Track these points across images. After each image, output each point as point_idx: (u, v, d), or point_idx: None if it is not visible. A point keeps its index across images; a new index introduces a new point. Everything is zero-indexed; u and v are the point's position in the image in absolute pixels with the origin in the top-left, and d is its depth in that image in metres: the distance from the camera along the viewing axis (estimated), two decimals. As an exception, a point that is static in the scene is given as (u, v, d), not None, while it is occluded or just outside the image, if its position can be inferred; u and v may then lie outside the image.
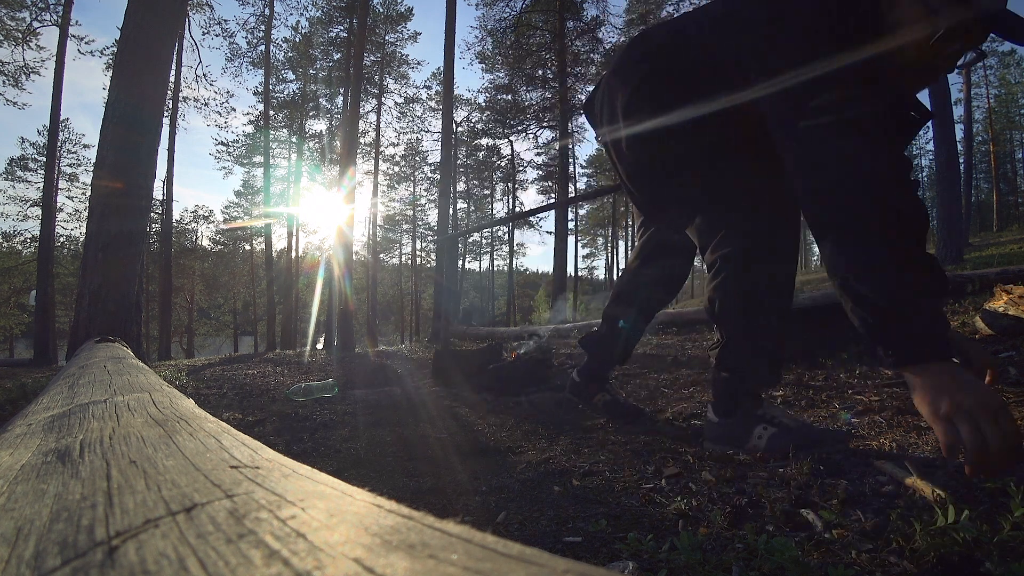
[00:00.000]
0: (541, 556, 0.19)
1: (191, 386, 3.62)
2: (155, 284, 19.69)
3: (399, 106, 24.07)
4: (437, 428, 2.07)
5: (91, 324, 4.33)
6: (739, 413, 1.41)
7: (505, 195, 30.23)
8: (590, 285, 41.70)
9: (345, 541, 0.21)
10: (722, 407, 1.45)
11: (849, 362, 2.28)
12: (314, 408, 2.62)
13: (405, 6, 21.61)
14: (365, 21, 11.28)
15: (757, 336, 1.39)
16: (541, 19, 18.04)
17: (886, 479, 1.07)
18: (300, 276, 23.21)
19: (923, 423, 1.41)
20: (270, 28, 18.48)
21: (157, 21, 4.88)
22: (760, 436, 1.36)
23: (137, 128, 4.78)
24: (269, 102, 19.14)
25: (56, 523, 0.28)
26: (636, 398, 2.36)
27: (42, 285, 11.33)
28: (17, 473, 0.41)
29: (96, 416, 0.63)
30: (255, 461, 0.37)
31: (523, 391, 2.73)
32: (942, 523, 0.81)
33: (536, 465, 1.46)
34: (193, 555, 0.21)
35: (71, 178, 21.79)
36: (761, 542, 0.81)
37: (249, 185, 26.65)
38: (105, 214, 4.61)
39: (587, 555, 0.90)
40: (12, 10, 13.61)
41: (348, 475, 1.52)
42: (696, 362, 3.03)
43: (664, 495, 1.13)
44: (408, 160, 26.78)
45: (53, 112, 11.92)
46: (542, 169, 25.89)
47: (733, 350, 1.43)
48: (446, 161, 10.39)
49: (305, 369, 4.66)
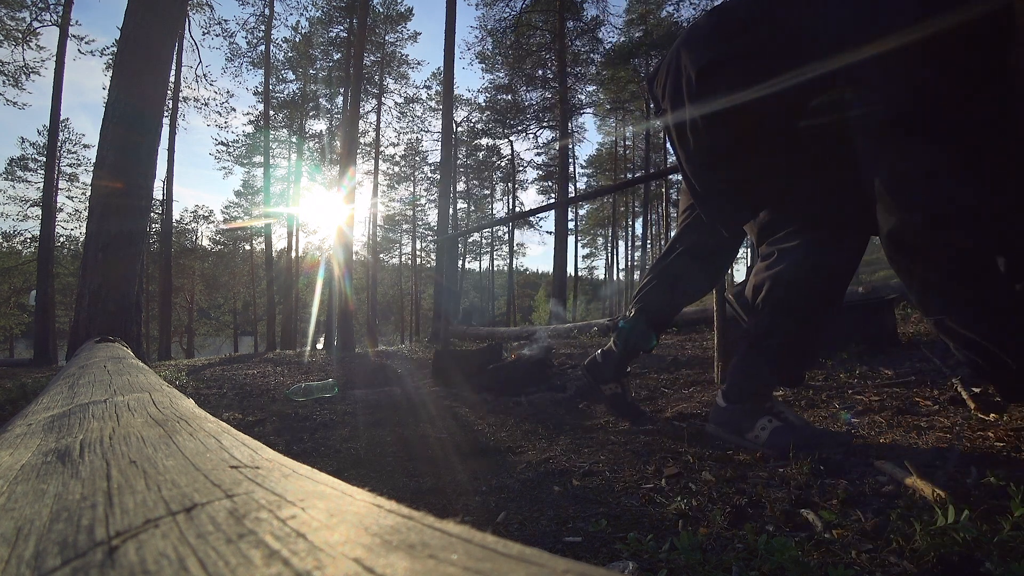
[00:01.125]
0: (541, 556, 0.19)
1: (191, 386, 3.62)
2: (155, 284, 19.68)
3: (399, 106, 24.07)
4: (437, 428, 2.07)
5: (91, 324, 4.33)
6: (748, 402, 1.41)
7: (505, 195, 30.24)
8: (590, 285, 41.70)
9: (345, 541, 0.21)
10: (733, 393, 1.44)
11: (849, 362, 2.28)
12: (314, 408, 2.62)
13: (405, 6, 21.61)
14: (365, 21, 11.28)
15: (792, 333, 1.36)
16: (541, 19, 18.04)
17: (886, 479, 1.07)
18: (300, 276, 23.20)
19: (923, 423, 1.41)
20: (270, 28, 18.48)
21: (157, 21, 4.88)
22: (764, 428, 1.36)
23: (137, 128, 4.77)
24: (269, 102, 19.13)
25: (56, 523, 0.28)
26: (636, 398, 2.36)
27: (42, 285, 11.33)
28: (17, 473, 0.41)
29: (96, 416, 0.63)
30: (255, 461, 0.37)
31: (523, 391, 2.73)
32: (942, 523, 0.81)
33: (536, 465, 1.46)
34: (193, 555, 0.21)
35: (71, 178, 21.78)
36: (761, 542, 0.81)
37: (249, 185, 26.65)
38: (105, 214, 4.61)
39: (587, 555, 0.90)
40: (12, 10, 13.61)
41: (348, 475, 1.52)
42: (696, 362, 3.03)
43: (664, 495, 1.13)
44: (408, 160, 26.77)
45: (53, 112, 11.91)
46: (542, 169, 25.90)
47: (762, 340, 1.39)
48: (446, 161, 10.39)
49: (305, 369, 4.66)
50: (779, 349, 1.38)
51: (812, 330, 1.37)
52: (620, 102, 21.90)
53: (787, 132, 1.21)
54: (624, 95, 21.09)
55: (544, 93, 20.15)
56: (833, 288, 1.34)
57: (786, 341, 1.37)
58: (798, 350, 1.40)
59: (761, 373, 1.41)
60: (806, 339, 1.38)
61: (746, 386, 1.43)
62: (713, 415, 1.49)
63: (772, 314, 1.37)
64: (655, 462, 1.36)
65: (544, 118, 20.50)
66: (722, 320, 2.35)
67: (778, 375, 1.42)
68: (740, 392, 1.43)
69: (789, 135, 1.21)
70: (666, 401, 2.17)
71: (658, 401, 2.20)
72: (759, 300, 1.39)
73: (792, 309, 1.34)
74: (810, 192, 1.31)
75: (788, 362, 1.40)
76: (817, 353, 1.52)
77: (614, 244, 32.32)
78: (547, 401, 2.45)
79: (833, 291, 1.35)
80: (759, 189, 1.37)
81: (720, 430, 1.45)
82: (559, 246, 15.67)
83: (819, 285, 1.32)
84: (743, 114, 1.20)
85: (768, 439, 1.33)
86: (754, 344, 1.41)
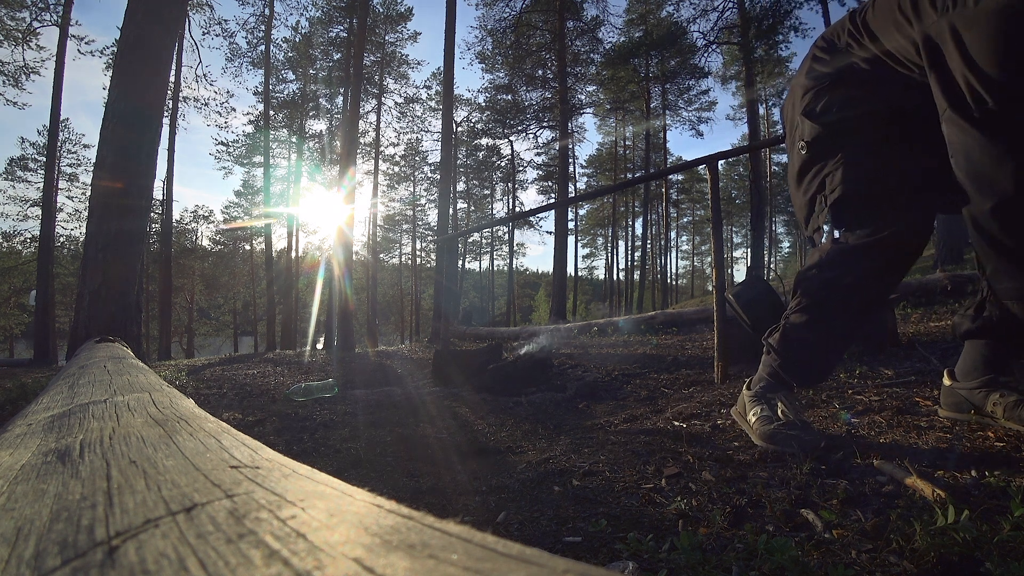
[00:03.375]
0: (541, 556, 0.19)
1: (191, 386, 3.62)
2: (155, 284, 19.65)
3: (399, 106, 24.05)
4: (437, 428, 2.07)
5: (91, 324, 4.33)
6: (759, 389, 1.46)
7: (505, 195, 30.24)
8: (590, 285, 41.71)
9: (345, 541, 0.21)
10: (754, 381, 1.51)
11: (849, 362, 2.28)
12: (314, 408, 2.62)
13: (405, 6, 21.59)
14: (365, 21, 11.28)
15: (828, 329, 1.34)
16: (541, 19, 18.03)
17: (886, 479, 1.07)
18: (300, 276, 23.20)
19: (923, 423, 1.41)
20: (270, 28, 18.47)
21: (157, 21, 4.88)
22: (755, 415, 1.41)
23: (137, 128, 4.77)
24: (269, 102, 19.12)
25: (56, 523, 0.28)
26: (636, 398, 2.36)
27: (42, 285, 11.33)
28: (17, 473, 0.41)
29: (96, 416, 0.63)
30: (255, 461, 0.37)
31: (523, 391, 2.73)
32: (942, 523, 0.81)
33: (536, 465, 1.46)
34: (193, 555, 0.21)
35: (71, 178, 21.78)
36: (761, 542, 0.81)
37: (249, 185, 26.65)
38: (105, 214, 4.61)
39: (587, 555, 0.90)
40: (12, 10, 13.60)
41: (348, 475, 1.52)
42: (696, 362, 3.03)
43: (664, 495, 1.13)
44: (408, 160, 26.76)
45: (53, 112, 11.91)
46: (542, 169, 25.91)
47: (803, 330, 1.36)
48: (446, 161, 10.39)
49: (305, 369, 4.66)
50: (811, 341, 1.38)
51: (845, 331, 1.35)
52: (620, 102, 21.89)
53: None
54: (624, 95, 21.07)
55: (544, 93, 20.16)
56: (875, 295, 1.31)
57: (813, 337, 1.36)
58: (821, 349, 1.39)
59: (776, 360, 1.44)
60: (838, 337, 1.37)
61: (760, 373, 1.49)
62: (738, 401, 1.59)
63: (811, 306, 1.35)
64: (655, 462, 1.36)
65: (544, 118, 20.49)
66: (722, 320, 2.35)
67: (793, 368, 1.42)
68: (755, 379, 1.51)
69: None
70: (666, 401, 2.17)
71: (658, 401, 2.20)
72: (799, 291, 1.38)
73: (830, 309, 1.32)
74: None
75: (805, 358, 1.41)
76: (839, 359, 1.51)
77: (614, 244, 32.35)
78: (547, 401, 2.45)
79: (875, 296, 1.31)
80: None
81: (735, 411, 1.57)
82: (559, 246, 15.67)
83: (867, 290, 1.28)
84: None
85: (758, 428, 1.38)
86: (787, 330, 1.41)
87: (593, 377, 2.96)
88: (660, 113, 22.83)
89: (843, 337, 1.38)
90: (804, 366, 1.42)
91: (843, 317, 1.31)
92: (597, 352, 4.07)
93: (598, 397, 2.48)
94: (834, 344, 1.39)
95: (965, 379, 1.35)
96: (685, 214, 36.54)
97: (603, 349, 4.28)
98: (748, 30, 14.27)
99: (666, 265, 34.07)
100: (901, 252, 1.21)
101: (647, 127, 22.59)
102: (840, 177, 1.21)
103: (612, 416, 2.03)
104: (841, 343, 1.40)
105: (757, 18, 14.01)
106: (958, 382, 1.37)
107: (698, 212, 34.99)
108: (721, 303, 2.35)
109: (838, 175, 1.21)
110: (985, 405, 1.28)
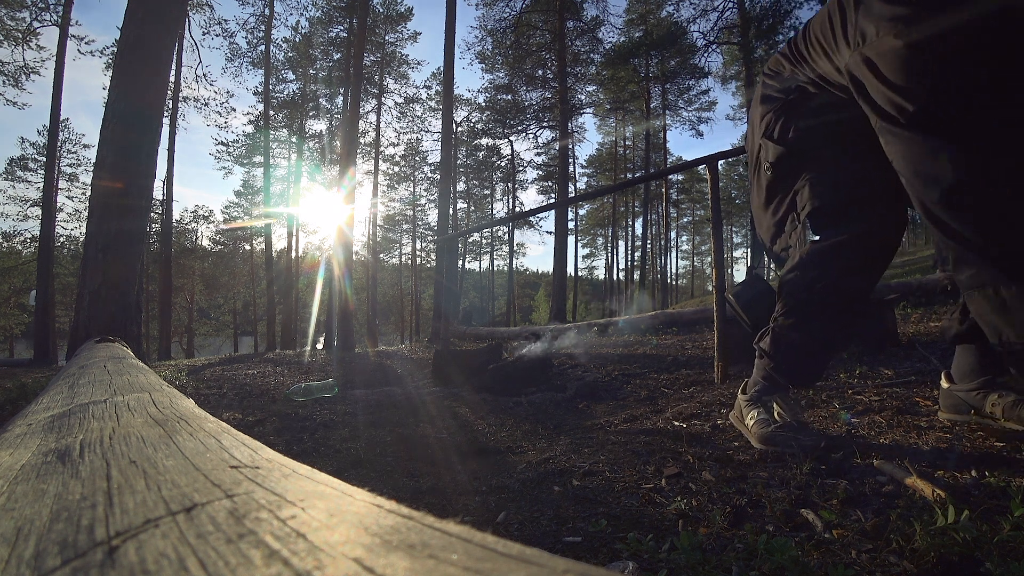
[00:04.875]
0: (541, 556, 0.19)
1: (191, 386, 3.62)
2: (155, 284, 19.65)
3: (399, 106, 24.05)
4: (437, 428, 2.07)
5: (91, 324, 4.33)
6: (754, 393, 1.48)
7: (505, 195, 30.24)
8: (590, 285, 41.70)
9: (345, 541, 0.21)
10: (749, 385, 1.53)
11: (849, 362, 2.28)
12: (314, 408, 2.62)
13: (405, 6, 21.58)
14: (365, 21, 11.28)
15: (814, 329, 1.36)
16: (541, 19, 18.04)
17: (886, 479, 1.07)
18: (300, 276, 23.20)
19: (923, 423, 1.41)
20: (270, 28, 18.47)
21: (157, 21, 4.88)
22: (752, 418, 1.42)
23: (137, 128, 4.77)
24: (269, 102, 19.12)
25: (56, 523, 0.28)
26: (636, 398, 2.36)
27: (42, 285, 11.33)
28: (17, 473, 0.41)
29: (96, 416, 0.63)
30: (255, 461, 0.37)
31: (523, 391, 2.73)
32: (942, 523, 0.81)
33: (536, 465, 1.46)
34: (193, 555, 0.21)
35: (71, 178, 21.77)
36: (761, 542, 0.81)
37: (249, 185, 26.64)
38: (105, 214, 4.61)
39: (587, 555, 0.90)
40: (12, 10, 13.60)
41: (348, 475, 1.52)
42: (696, 362, 3.03)
43: (664, 495, 1.13)
44: (408, 160, 26.75)
45: (53, 112, 11.91)
46: (542, 169, 25.90)
47: (782, 333, 1.40)
48: (446, 161, 10.39)
49: (305, 369, 4.67)
50: (800, 342, 1.39)
51: (825, 328, 1.36)
52: (620, 102, 21.89)
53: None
54: (624, 95, 21.08)
55: (544, 93, 20.16)
56: (856, 290, 1.32)
57: (800, 338, 1.38)
58: (810, 350, 1.40)
59: (769, 363, 1.46)
60: (819, 339, 1.38)
61: (754, 377, 1.50)
62: (735, 406, 1.59)
63: (793, 309, 1.38)
64: (655, 462, 1.36)
65: (544, 118, 20.49)
66: (722, 320, 2.35)
67: (787, 370, 1.44)
68: (750, 383, 1.52)
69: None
70: (666, 401, 2.17)
71: (658, 401, 2.20)
72: (784, 293, 1.40)
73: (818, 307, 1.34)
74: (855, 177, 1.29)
75: (796, 359, 1.42)
76: (827, 362, 1.53)
77: (614, 244, 32.35)
78: (547, 401, 2.46)
79: (855, 292, 1.32)
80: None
81: (733, 416, 1.58)
82: (559, 246, 15.67)
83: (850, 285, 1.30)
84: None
85: (755, 429, 1.40)
86: (773, 336, 1.44)
87: (593, 377, 2.96)
88: (660, 113, 22.83)
89: (831, 336, 1.40)
90: (796, 368, 1.43)
91: (826, 316, 1.34)
92: (597, 352, 4.07)
93: (598, 397, 2.48)
94: (823, 344, 1.40)
95: (962, 381, 1.36)
96: (685, 214, 36.54)
97: (603, 349, 4.28)
98: (748, 30, 14.29)
99: (666, 265, 34.07)
100: (875, 247, 1.27)
101: (647, 127, 22.58)
102: (808, 193, 1.31)
103: (612, 416, 2.03)
104: (830, 342, 1.42)
105: (757, 18, 14.02)
106: (956, 384, 1.38)
107: (698, 212, 34.99)
108: (721, 303, 2.35)
109: (806, 191, 1.31)
110: (984, 406, 1.29)
